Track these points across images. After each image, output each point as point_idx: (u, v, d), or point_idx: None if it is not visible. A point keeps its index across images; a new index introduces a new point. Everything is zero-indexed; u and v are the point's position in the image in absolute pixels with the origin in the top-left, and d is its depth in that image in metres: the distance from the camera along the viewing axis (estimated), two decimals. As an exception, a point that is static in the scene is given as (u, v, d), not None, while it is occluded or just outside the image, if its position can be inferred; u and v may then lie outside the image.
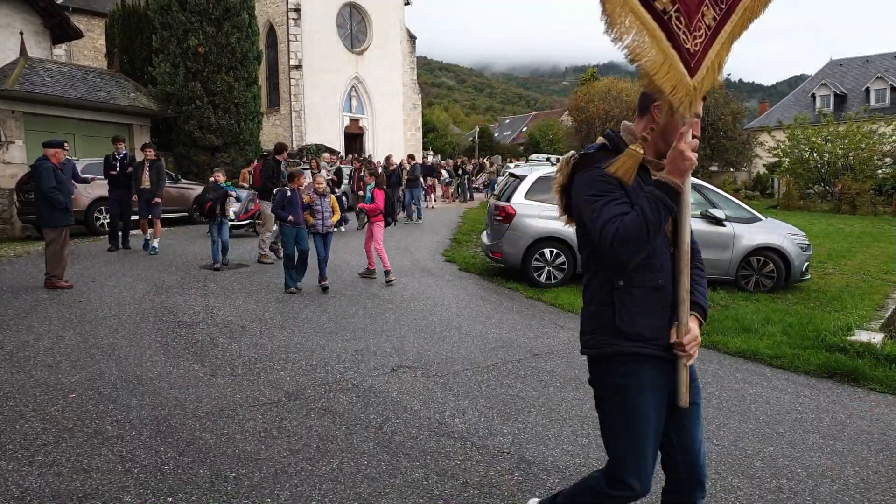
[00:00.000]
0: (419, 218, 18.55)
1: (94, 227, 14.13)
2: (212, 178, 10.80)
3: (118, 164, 11.74)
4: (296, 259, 8.85)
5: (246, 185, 15.51)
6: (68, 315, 7.12)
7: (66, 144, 10.03)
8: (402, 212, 18.79)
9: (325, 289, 8.79)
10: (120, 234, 12.10)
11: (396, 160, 20.54)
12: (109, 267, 10.15)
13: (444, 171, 27.84)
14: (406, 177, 19.07)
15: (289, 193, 8.75)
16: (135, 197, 11.65)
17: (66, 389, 4.88)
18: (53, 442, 4.01)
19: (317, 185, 9.24)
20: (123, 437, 4.09)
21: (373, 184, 10.17)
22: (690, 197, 7.63)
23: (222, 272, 9.89)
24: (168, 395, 4.82)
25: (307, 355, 5.93)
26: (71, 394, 4.80)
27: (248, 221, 14.58)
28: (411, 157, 21.68)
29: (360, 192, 14.92)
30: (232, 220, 12.77)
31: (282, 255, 9.84)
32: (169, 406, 4.62)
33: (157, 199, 11.69)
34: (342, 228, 15.12)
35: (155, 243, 11.62)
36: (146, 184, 11.57)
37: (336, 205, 9.48)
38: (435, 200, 24.76)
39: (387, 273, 9.51)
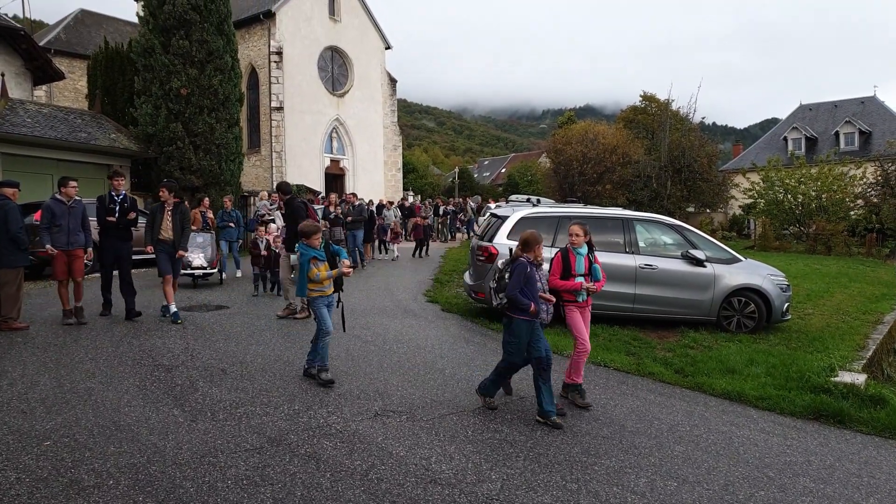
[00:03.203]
0: (362, 264, 16.70)
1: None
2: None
3: (117, 208, 9.26)
4: (533, 367, 5.61)
5: (195, 227, 12.98)
6: (43, 359, 6.94)
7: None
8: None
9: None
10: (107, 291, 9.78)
11: (375, 199, 20.45)
12: (86, 309, 9.96)
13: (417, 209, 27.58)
14: (349, 217, 16.34)
15: (528, 269, 5.51)
16: (149, 248, 9.51)
17: (40, 437, 4.72)
18: (27, 493, 3.86)
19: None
20: (101, 487, 3.95)
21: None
22: (671, 237, 7.79)
23: (201, 314, 9.74)
24: (147, 442, 4.68)
25: (289, 399, 5.82)
26: (46, 441, 4.64)
27: (216, 270, 13.15)
28: (390, 202, 21.50)
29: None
30: (204, 269, 12.58)
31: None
32: (148, 453, 4.48)
33: (181, 254, 9.59)
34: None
35: (174, 308, 9.23)
36: (167, 233, 9.36)
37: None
38: (395, 252, 20.54)
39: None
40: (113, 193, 9.34)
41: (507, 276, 5.58)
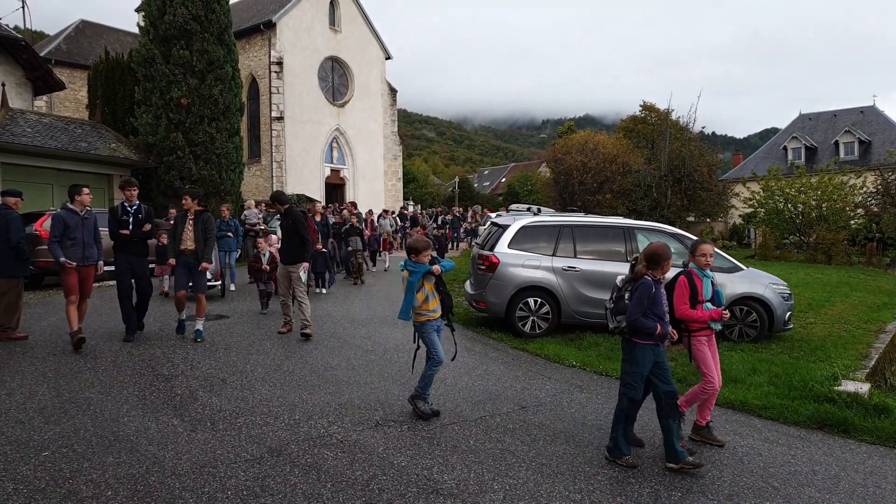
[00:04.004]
0: (327, 286, 14.09)
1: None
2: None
3: (130, 219, 8.46)
4: (660, 403, 4.90)
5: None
6: (42, 369, 6.90)
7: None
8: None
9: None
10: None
11: (374, 210, 20.22)
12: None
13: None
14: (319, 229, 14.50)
15: (653, 289, 4.85)
16: (171, 260, 8.96)
17: (38, 447, 4.68)
18: (24, 504, 3.82)
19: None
20: (99, 498, 3.91)
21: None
22: (672, 246, 7.56)
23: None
24: (146, 452, 4.64)
25: (290, 409, 5.78)
26: (44, 452, 4.60)
27: (219, 283, 12.71)
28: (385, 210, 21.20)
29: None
30: (208, 281, 10.97)
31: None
32: (147, 463, 4.44)
33: (205, 266, 8.67)
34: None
35: (199, 325, 8.69)
36: (189, 244, 8.64)
37: None
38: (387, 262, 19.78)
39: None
40: (126, 204, 8.50)
41: (627, 295, 4.93)
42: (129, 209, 8.49)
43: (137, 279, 8.56)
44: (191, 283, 8.83)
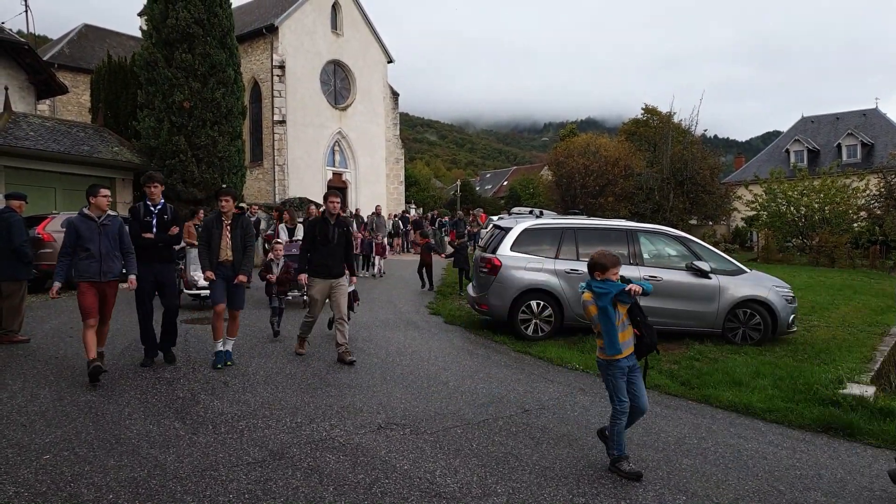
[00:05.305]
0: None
1: (73, 281, 13.85)
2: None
3: (153, 221, 7.17)
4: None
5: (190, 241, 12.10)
6: (44, 371, 6.89)
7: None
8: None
9: None
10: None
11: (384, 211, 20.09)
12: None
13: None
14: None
15: None
16: (209, 273, 7.25)
17: (39, 450, 4.67)
18: (25, 507, 3.80)
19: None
20: (100, 501, 3.89)
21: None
22: (675, 249, 7.55)
23: (203, 326, 9.67)
24: (147, 455, 4.62)
25: (291, 412, 5.75)
26: (45, 455, 4.58)
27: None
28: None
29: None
30: (203, 288, 10.90)
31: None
32: (148, 467, 4.42)
33: (242, 278, 7.34)
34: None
35: (229, 346, 7.51)
36: (227, 253, 7.33)
37: None
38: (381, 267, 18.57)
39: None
40: (149, 203, 7.25)
41: None
42: (152, 209, 7.22)
43: (162, 292, 7.31)
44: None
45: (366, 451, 4.86)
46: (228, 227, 7.38)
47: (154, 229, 7.14)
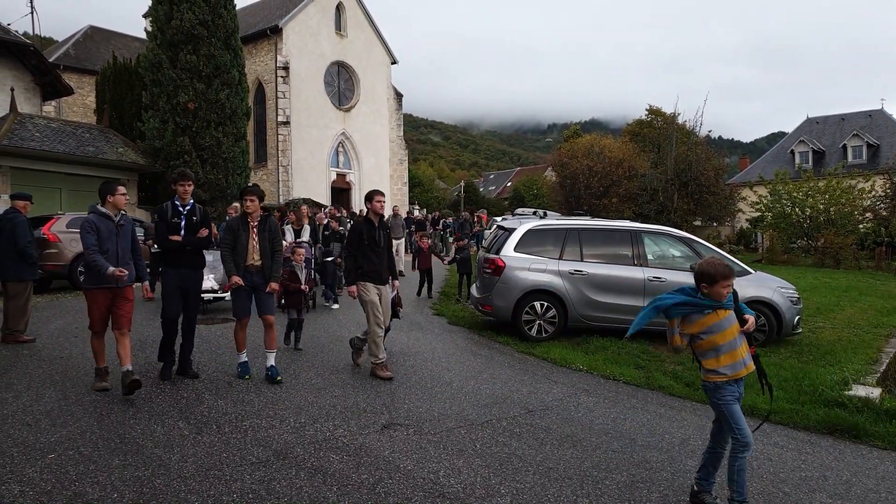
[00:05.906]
0: (333, 302, 12.26)
1: (77, 281, 13.88)
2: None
3: (182, 223, 6.66)
4: None
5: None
6: (49, 371, 6.90)
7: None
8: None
9: None
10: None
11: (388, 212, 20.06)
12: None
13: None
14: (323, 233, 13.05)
15: None
16: (236, 278, 6.64)
17: (45, 449, 4.68)
18: (30, 506, 3.80)
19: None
20: (105, 500, 3.90)
21: None
22: (679, 250, 7.51)
23: (207, 327, 9.68)
24: (152, 455, 4.63)
25: (295, 412, 5.76)
26: (50, 454, 4.59)
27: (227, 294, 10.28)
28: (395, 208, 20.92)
29: None
30: (215, 293, 10.89)
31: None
32: (153, 466, 4.43)
33: (275, 286, 6.88)
34: None
35: (271, 360, 6.94)
36: (255, 258, 6.79)
37: None
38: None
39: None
40: (178, 203, 6.71)
41: None
42: (181, 210, 6.69)
43: (186, 301, 6.81)
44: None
45: (369, 452, 4.86)
46: (255, 230, 6.82)
47: (182, 231, 6.64)
